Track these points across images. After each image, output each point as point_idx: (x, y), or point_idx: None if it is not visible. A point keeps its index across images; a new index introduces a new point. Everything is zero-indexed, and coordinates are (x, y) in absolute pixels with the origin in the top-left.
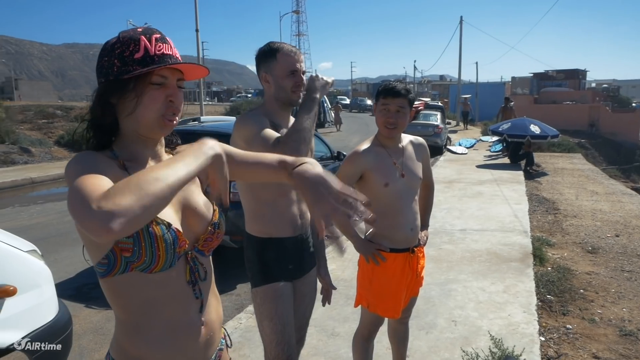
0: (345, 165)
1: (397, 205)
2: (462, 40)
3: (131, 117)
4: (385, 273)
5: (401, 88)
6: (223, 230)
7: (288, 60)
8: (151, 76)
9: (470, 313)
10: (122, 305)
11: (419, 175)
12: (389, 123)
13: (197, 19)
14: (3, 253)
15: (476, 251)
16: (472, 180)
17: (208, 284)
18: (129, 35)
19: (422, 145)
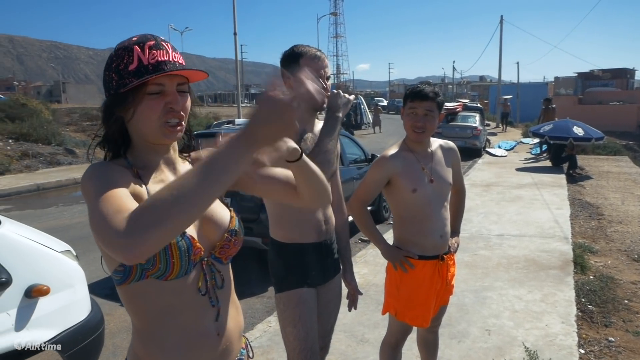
0: (372, 171)
1: (426, 211)
2: (502, 40)
3: (135, 127)
4: (413, 280)
5: (429, 91)
6: (241, 237)
7: (311, 66)
8: (147, 86)
9: (505, 322)
10: (137, 313)
11: (448, 181)
12: (417, 127)
13: (235, 23)
14: (38, 254)
15: (513, 257)
16: (511, 183)
17: (226, 292)
18: (123, 47)
19: (452, 150)
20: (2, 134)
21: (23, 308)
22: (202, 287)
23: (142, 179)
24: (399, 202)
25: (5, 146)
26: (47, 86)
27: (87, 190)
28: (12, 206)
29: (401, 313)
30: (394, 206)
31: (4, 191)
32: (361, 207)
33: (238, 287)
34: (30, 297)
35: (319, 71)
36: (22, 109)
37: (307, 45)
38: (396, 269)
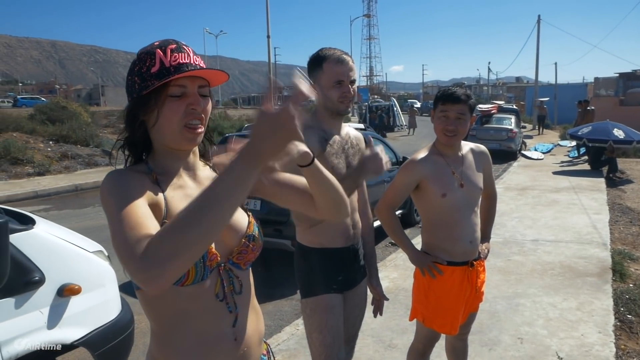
0: (401, 174)
1: (456, 216)
2: (539, 40)
3: (157, 131)
4: (442, 287)
5: (461, 93)
6: (260, 243)
7: (334, 70)
8: (169, 88)
9: (539, 331)
10: (154, 317)
11: (479, 186)
12: (448, 130)
13: (269, 25)
14: (70, 254)
15: (548, 264)
16: (548, 187)
17: (245, 297)
18: (146, 51)
19: (483, 154)
20: (43, 136)
21: (55, 307)
22: (219, 292)
23: (160, 186)
24: (427, 207)
25: (46, 148)
26: (86, 89)
27: (107, 203)
28: (51, 206)
29: (429, 320)
30: (423, 211)
31: (45, 191)
32: (389, 211)
33: (267, 290)
34: (62, 296)
35: (342, 75)
36: (62, 111)
37: (334, 48)
38: (424, 275)
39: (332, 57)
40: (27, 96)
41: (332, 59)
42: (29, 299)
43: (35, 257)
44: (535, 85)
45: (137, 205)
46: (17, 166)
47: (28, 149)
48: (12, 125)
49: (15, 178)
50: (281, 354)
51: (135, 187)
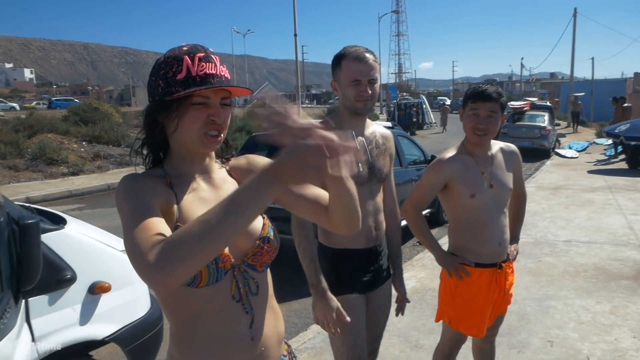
0: (428, 174)
1: (484, 217)
2: (575, 35)
3: (175, 136)
4: (469, 289)
5: (492, 91)
6: (275, 245)
7: (351, 68)
8: (192, 97)
9: (570, 334)
10: (172, 317)
11: (509, 186)
12: (478, 129)
13: (296, 24)
14: (100, 252)
15: (581, 265)
16: (582, 186)
17: (262, 298)
18: (174, 55)
19: (513, 153)
20: (76, 137)
21: (87, 304)
22: (235, 294)
23: (174, 189)
24: (455, 208)
25: (79, 148)
26: (118, 90)
27: (121, 208)
28: (85, 205)
29: (455, 322)
30: (451, 211)
31: (78, 190)
32: (415, 211)
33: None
34: (93, 294)
35: (358, 74)
36: (94, 112)
37: (357, 46)
38: (451, 277)
39: (350, 55)
40: (61, 98)
41: (350, 57)
42: (61, 296)
43: (67, 256)
44: (570, 81)
45: (149, 210)
46: (52, 166)
47: (62, 150)
48: (47, 127)
49: (50, 178)
50: (307, 352)
51: (148, 192)
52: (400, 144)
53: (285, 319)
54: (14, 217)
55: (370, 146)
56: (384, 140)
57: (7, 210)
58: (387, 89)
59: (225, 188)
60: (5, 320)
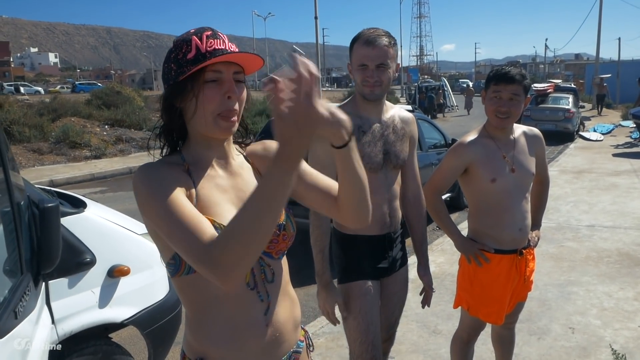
0: (448, 157)
1: (505, 203)
2: (602, 15)
3: (194, 119)
4: (488, 275)
5: (515, 73)
6: (291, 233)
7: (360, 53)
8: (205, 73)
9: (592, 321)
10: (187, 303)
11: (531, 171)
12: (500, 112)
13: (316, 6)
14: (119, 236)
15: (604, 251)
16: (606, 170)
17: (277, 285)
18: (182, 38)
19: (536, 137)
20: (99, 120)
21: (106, 287)
22: (249, 281)
23: (191, 176)
24: (476, 192)
25: (102, 132)
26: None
27: (146, 200)
28: (107, 188)
29: (474, 308)
30: (471, 196)
31: (101, 174)
32: (435, 195)
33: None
34: (112, 277)
35: (366, 58)
36: (117, 96)
37: (374, 29)
38: (470, 263)
39: (362, 39)
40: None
41: (361, 40)
42: (81, 279)
43: (87, 239)
44: (596, 62)
45: (184, 204)
46: (76, 150)
47: (85, 133)
48: (71, 111)
49: (73, 161)
50: (324, 337)
51: (172, 183)
52: (421, 127)
53: (303, 303)
54: (34, 200)
55: (386, 131)
56: (403, 125)
57: (28, 194)
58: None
59: (242, 174)
60: (25, 302)
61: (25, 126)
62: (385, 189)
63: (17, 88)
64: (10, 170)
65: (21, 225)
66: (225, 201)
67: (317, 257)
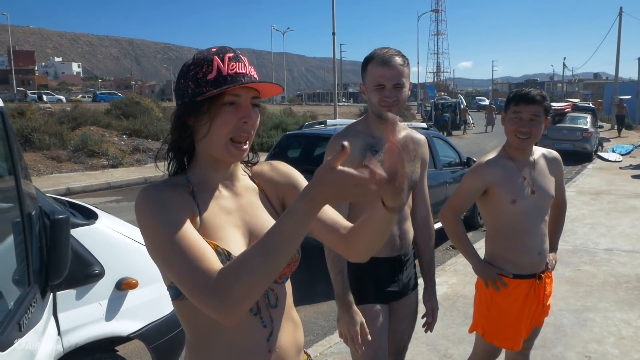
0: (468, 178)
1: (525, 225)
2: (621, 34)
3: (205, 140)
4: (505, 300)
5: (536, 94)
6: (296, 257)
7: (375, 73)
8: (224, 96)
9: (609, 349)
10: (188, 327)
11: (550, 193)
12: (521, 132)
13: (334, 22)
14: (129, 248)
15: (623, 276)
16: (625, 192)
17: (280, 310)
18: (203, 56)
19: (556, 160)
20: (117, 130)
21: (113, 300)
22: (253, 307)
23: (196, 199)
24: (495, 214)
25: (119, 141)
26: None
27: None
28: (122, 197)
29: (489, 334)
30: (489, 218)
31: (117, 183)
32: (454, 217)
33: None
34: (120, 290)
35: (383, 79)
36: (135, 107)
37: (387, 48)
38: (487, 287)
39: (376, 59)
40: (106, 92)
41: (376, 61)
42: (89, 291)
43: (96, 251)
44: (615, 82)
45: (189, 232)
46: (93, 158)
47: (103, 143)
48: (90, 120)
49: (90, 170)
50: (332, 357)
51: (177, 208)
52: (435, 145)
53: (313, 321)
54: (45, 211)
55: None
56: (415, 146)
57: (40, 204)
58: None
59: (247, 197)
60: (30, 314)
61: (46, 134)
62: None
63: (40, 96)
64: (23, 179)
65: (31, 236)
66: (230, 224)
67: (337, 279)
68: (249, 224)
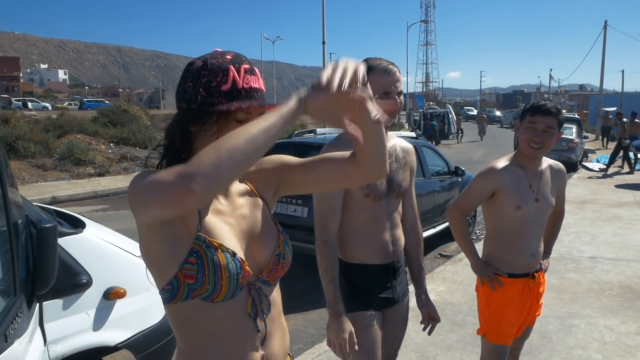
0: (478, 180)
1: (524, 230)
2: (605, 47)
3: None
4: (502, 296)
5: (551, 106)
6: (289, 260)
7: (380, 81)
8: (236, 113)
9: (593, 355)
10: (182, 335)
11: (552, 203)
12: (534, 142)
13: (324, 32)
14: (117, 257)
15: (606, 283)
16: (609, 201)
17: (273, 315)
18: (218, 64)
19: (561, 172)
20: (105, 138)
21: (101, 309)
22: (251, 312)
23: None
24: (498, 217)
25: (106, 149)
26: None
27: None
28: (109, 206)
29: (490, 334)
30: (491, 220)
31: (104, 191)
32: (461, 216)
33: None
34: (108, 299)
35: (389, 86)
36: (123, 114)
37: (380, 59)
38: (483, 284)
39: (378, 68)
40: (93, 99)
41: (378, 70)
42: (76, 301)
43: (84, 260)
44: (599, 93)
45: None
46: (80, 167)
47: (90, 151)
48: (77, 127)
49: (77, 178)
50: None
51: None
52: (424, 154)
53: (302, 329)
54: (32, 220)
55: (390, 160)
56: (404, 154)
57: (26, 213)
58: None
59: (241, 199)
60: (16, 325)
61: (31, 142)
62: (387, 217)
63: (24, 103)
64: (9, 187)
65: (17, 245)
66: (227, 225)
67: (329, 287)
68: (247, 228)
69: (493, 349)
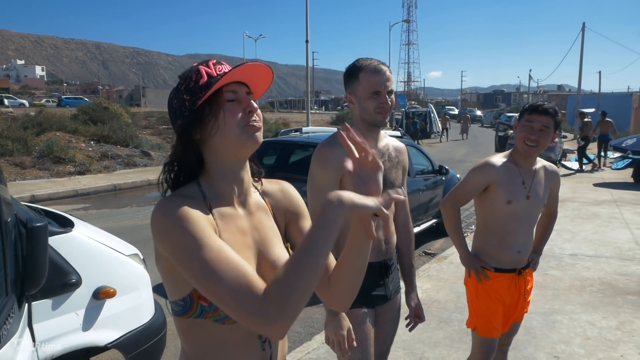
0: (473, 173)
1: (513, 225)
2: (583, 48)
3: (217, 139)
4: (489, 288)
5: (549, 107)
6: None
7: (370, 81)
8: (223, 94)
9: (576, 350)
10: (189, 343)
11: (543, 202)
12: (529, 140)
13: (308, 30)
14: (106, 257)
15: (587, 280)
16: (588, 200)
17: None
18: (188, 70)
19: (555, 174)
20: (85, 136)
21: (90, 309)
22: None
23: (212, 214)
24: (488, 211)
25: (87, 147)
26: (128, 90)
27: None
28: (90, 205)
29: (480, 326)
30: (482, 214)
31: (84, 190)
32: (454, 208)
33: None
34: (98, 299)
35: (379, 85)
36: (104, 112)
37: (370, 59)
38: (469, 277)
39: (368, 67)
40: (71, 96)
41: (368, 69)
42: (65, 300)
43: (73, 259)
44: (577, 93)
45: (225, 249)
46: (59, 165)
47: (70, 149)
48: (56, 125)
49: (57, 176)
50: None
51: (206, 224)
52: (409, 153)
53: (291, 328)
54: (21, 219)
55: (383, 159)
56: (397, 153)
57: (15, 212)
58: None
59: (258, 215)
60: (8, 325)
61: (8, 139)
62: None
63: (0, 100)
64: None
65: (7, 244)
66: (244, 245)
67: None
68: (259, 245)
69: (483, 341)
